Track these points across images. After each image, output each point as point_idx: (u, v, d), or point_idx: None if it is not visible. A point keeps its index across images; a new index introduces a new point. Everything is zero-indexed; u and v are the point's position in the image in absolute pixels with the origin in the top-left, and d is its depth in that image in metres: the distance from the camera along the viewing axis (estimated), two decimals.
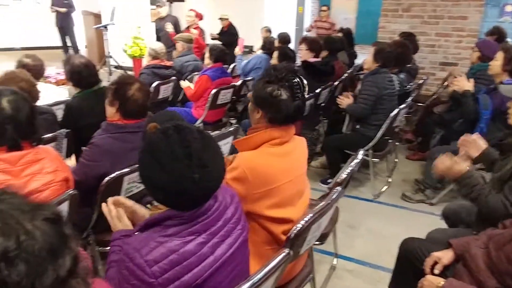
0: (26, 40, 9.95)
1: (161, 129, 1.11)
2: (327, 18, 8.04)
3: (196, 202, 1.08)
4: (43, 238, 0.62)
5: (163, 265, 1.02)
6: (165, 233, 1.06)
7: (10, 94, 1.50)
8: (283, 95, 1.52)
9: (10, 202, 0.65)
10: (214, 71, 3.86)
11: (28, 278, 0.58)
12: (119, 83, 1.97)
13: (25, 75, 2.33)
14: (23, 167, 1.50)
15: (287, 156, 1.58)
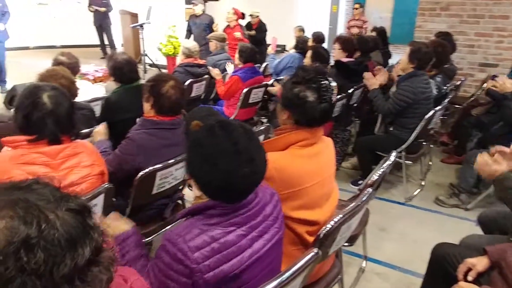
0: (66, 38, 10.36)
1: (206, 127, 1.15)
2: (360, 15, 7.90)
3: (242, 195, 1.13)
4: (63, 227, 0.64)
5: (204, 252, 1.06)
6: (207, 222, 1.10)
7: (50, 90, 1.56)
8: (309, 97, 1.50)
9: (39, 192, 0.68)
10: (245, 71, 3.87)
11: (46, 266, 0.60)
12: (155, 80, 2.03)
13: (65, 72, 2.43)
14: (62, 161, 1.56)
15: (314, 158, 1.57)
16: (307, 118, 1.52)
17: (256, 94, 3.86)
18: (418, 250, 2.58)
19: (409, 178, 3.69)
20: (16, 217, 0.62)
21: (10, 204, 0.64)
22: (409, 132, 3.20)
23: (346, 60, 3.89)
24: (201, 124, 1.22)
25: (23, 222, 0.62)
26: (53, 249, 0.62)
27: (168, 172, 2.02)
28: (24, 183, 0.70)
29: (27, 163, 1.46)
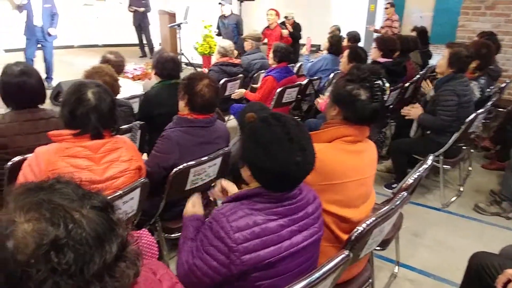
0: (107, 37, 10.76)
1: (261, 118, 1.23)
2: (392, 15, 7.71)
3: (292, 183, 1.19)
4: (89, 226, 0.64)
5: (245, 233, 1.12)
6: (252, 207, 1.17)
7: (94, 87, 1.63)
8: (362, 95, 1.53)
9: (62, 192, 0.68)
10: (279, 71, 3.88)
11: (77, 265, 0.61)
12: (190, 79, 2.07)
13: (109, 70, 2.53)
14: (103, 155, 1.62)
15: (357, 155, 1.58)
16: (357, 116, 1.54)
17: (290, 94, 3.85)
18: (454, 258, 2.49)
19: (447, 183, 3.56)
20: (42, 218, 0.62)
21: (36, 206, 0.64)
22: (448, 136, 3.09)
23: (383, 60, 3.81)
24: (255, 116, 1.27)
25: (51, 224, 0.61)
26: (82, 248, 0.62)
27: (202, 169, 2.06)
28: (47, 183, 0.70)
29: (71, 156, 1.54)
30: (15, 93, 2.05)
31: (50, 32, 5.92)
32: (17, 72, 2.05)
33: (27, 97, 2.07)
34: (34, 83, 2.08)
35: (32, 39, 5.94)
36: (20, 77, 2.04)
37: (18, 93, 2.04)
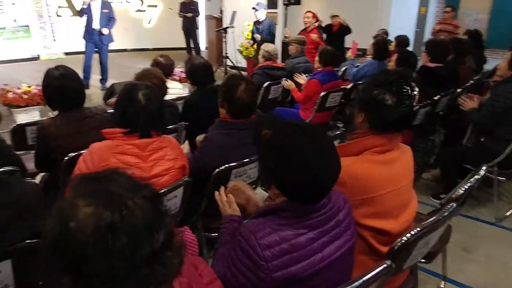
0: (157, 42, 11.20)
1: (279, 130, 1.19)
2: (451, 19, 7.34)
3: (320, 193, 1.14)
4: (141, 213, 0.70)
5: (274, 251, 1.09)
6: (279, 222, 1.13)
7: (144, 88, 1.71)
8: (388, 101, 1.45)
9: (117, 182, 0.74)
10: (323, 75, 3.84)
11: (129, 249, 0.66)
12: (227, 86, 2.09)
13: (158, 72, 2.64)
14: (150, 153, 1.69)
15: (390, 165, 1.50)
16: (383, 123, 1.46)
17: (334, 98, 3.80)
18: (506, 275, 2.34)
19: (501, 196, 3.35)
20: (101, 204, 0.68)
21: (95, 192, 0.71)
22: (505, 144, 2.91)
23: (433, 65, 3.65)
24: (270, 132, 1.24)
25: (108, 209, 0.68)
26: (134, 234, 0.67)
27: (243, 171, 2.08)
28: (105, 173, 0.77)
29: (121, 153, 1.62)
30: (57, 96, 2.14)
31: (102, 31, 6.24)
32: (57, 75, 2.14)
33: (69, 99, 2.15)
34: (74, 85, 2.15)
35: (90, 42, 6.30)
36: (60, 80, 2.12)
37: (60, 95, 2.13)
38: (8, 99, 4.44)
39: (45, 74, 2.18)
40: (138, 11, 11.39)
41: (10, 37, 9.14)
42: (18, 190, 1.34)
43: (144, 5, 11.43)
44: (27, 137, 2.64)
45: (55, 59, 9.36)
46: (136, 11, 11.34)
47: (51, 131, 2.09)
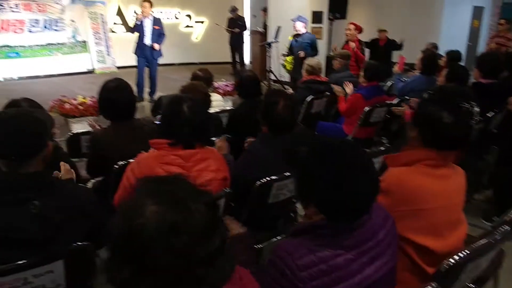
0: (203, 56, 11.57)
1: (318, 146, 1.18)
2: (506, 33, 6.98)
3: (360, 211, 1.12)
4: (201, 217, 0.75)
5: (312, 272, 1.07)
6: (316, 242, 1.10)
7: (189, 101, 1.78)
8: (444, 118, 1.41)
9: (181, 186, 0.81)
10: (368, 90, 3.78)
11: (188, 248, 0.71)
12: (266, 104, 2.11)
13: (202, 86, 2.73)
14: (193, 164, 1.74)
15: (442, 180, 1.45)
16: (437, 141, 1.43)
17: (378, 114, 3.72)
18: None
19: None
20: (166, 205, 0.74)
21: (161, 193, 0.77)
22: None
23: (486, 81, 3.48)
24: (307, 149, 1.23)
25: (172, 210, 0.74)
26: (193, 235, 0.73)
27: (284, 184, 2.09)
28: (170, 177, 0.85)
29: (166, 163, 1.69)
30: (111, 107, 2.27)
31: (154, 46, 6.55)
32: (112, 87, 2.27)
33: (121, 110, 2.26)
34: (126, 97, 2.27)
35: (142, 57, 6.62)
36: (114, 92, 2.25)
37: (113, 106, 2.25)
38: (65, 110, 4.75)
39: (101, 86, 2.32)
40: (187, 27, 11.86)
41: (68, 52, 9.83)
42: (71, 194, 1.42)
43: (192, 21, 11.88)
44: (81, 146, 2.81)
45: (108, 73, 9.92)
46: (184, 27, 11.82)
47: (102, 140, 2.22)
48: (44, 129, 1.39)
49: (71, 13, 9.72)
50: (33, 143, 1.34)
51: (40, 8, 9.24)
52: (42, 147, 1.37)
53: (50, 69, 9.46)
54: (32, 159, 1.33)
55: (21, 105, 2.00)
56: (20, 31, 9.08)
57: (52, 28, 9.50)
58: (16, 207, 1.26)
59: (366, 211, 1.13)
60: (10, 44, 9.00)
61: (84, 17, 9.96)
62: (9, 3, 8.82)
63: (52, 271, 1.33)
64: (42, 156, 1.37)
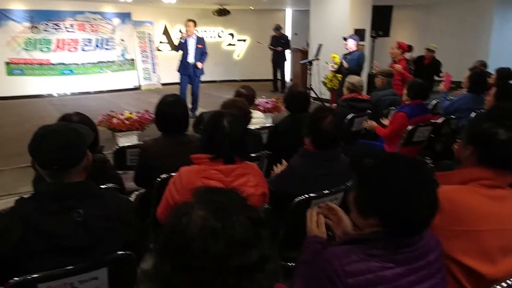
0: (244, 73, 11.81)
1: (386, 159, 1.21)
2: None
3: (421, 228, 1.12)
4: (240, 230, 0.79)
5: (358, 280, 1.07)
6: (367, 252, 1.11)
7: (229, 116, 1.82)
8: (501, 135, 1.36)
9: (230, 198, 0.87)
10: (412, 108, 3.66)
11: (223, 254, 0.76)
12: (314, 116, 2.13)
13: (241, 102, 2.79)
14: (233, 179, 1.77)
15: (499, 202, 1.38)
16: (494, 159, 1.38)
17: (422, 133, 3.61)
18: None
19: None
20: (210, 211, 0.81)
21: (208, 201, 0.84)
22: None
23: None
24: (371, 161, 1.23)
25: (214, 216, 0.80)
26: (230, 243, 0.77)
27: (323, 202, 2.06)
28: (225, 189, 0.94)
29: (207, 178, 1.73)
30: (165, 120, 2.39)
31: (197, 65, 6.77)
32: (169, 102, 2.40)
33: (175, 123, 2.38)
34: (181, 112, 2.40)
35: (185, 74, 6.85)
36: (171, 107, 2.38)
37: (168, 119, 2.38)
38: (113, 124, 4.99)
39: (160, 100, 2.46)
40: (229, 45, 12.18)
41: (117, 69, 10.38)
42: (112, 203, 1.48)
43: (234, 39, 12.20)
44: (126, 159, 2.94)
45: (153, 89, 10.35)
46: (227, 45, 12.14)
47: (151, 150, 2.33)
48: (82, 141, 1.45)
49: (121, 33, 10.30)
50: (72, 154, 1.40)
51: (93, 28, 9.87)
52: (81, 157, 1.43)
53: (100, 86, 10.02)
54: (72, 169, 1.40)
55: (73, 119, 2.13)
56: (74, 50, 9.73)
57: (103, 47, 10.10)
58: (62, 216, 1.33)
59: (426, 227, 1.13)
60: (65, 62, 9.64)
61: (133, 36, 10.52)
62: (65, 24, 9.49)
63: (96, 277, 1.39)
64: (82, 166, 1.44)
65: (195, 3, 10.25)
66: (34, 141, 1.40)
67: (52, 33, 9.36)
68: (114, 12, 10.14)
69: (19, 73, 9.16)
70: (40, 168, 1.41)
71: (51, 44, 9.39)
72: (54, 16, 9.32)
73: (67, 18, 9.48)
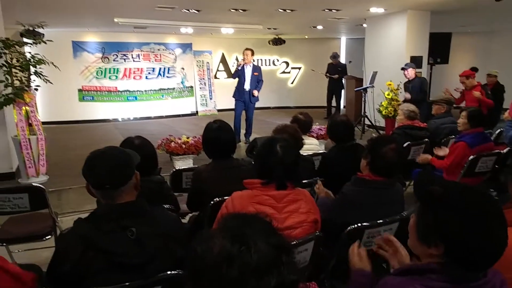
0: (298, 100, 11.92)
1: (458, 187, 1.16)
2: None
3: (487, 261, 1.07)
4: (257, 255, 0.79)
5: None
6: (426, 284, 1.06)
7: (282, 141, 1.86)
8: None
9: (253, 224, 0.87)
10: (473, 137, 3.48)
11: (237, 282, 0.76)
12: (377, 140, 2.12)
13: (293, 128, 2.83)
14: (285, 205, 1.79)
15: None
16: None
17: (485, 163, 3.40)
18: None
19: None
20: (228, 237, 0.82)
21: (228, 228, 0.86)
22: None
23: None
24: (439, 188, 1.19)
25: (231, 243, 0.81)
26: (245, 269, 0.77)
27: (376, 232, 2.01)
28: (250, 214, 0.92)
29: (259, 203, 1.76)
30: (212, 145, 2.46)
31: (254, 93, 6.95)
32: (215, 128, 2.48)
33: (221, 149, 2.44)
34: (227, 137, 2.44)
35: (241, 100, 7.03)
36: (217, 132, 2.45)
37: (214, 145, 2.44)
38: (171, 148, 5.24)
39: (206, 126, 2.55)
40: (283, 72, 12.41)
41: (177, 96, 10.97)
42: (163, 221, 1.55)
43: (289, 67, 12.42)
44: (182, 181, 3.06)
45: (209, 115, 10.75)
46: (281, 72, 12.38)
47: (203, 175, 2.41)
48: (130, 161, 1.55)
49: (182, 62, 10.93)
50: (121, 172, 1.49)
51: (156, 58, 10.59)
52: (130, 175, 1.52)
53: (160, 111, 10.65)
54: (123, 187, 1.49)
55: (134, 142, 2.27)
56: (139, 78, 10.47)
57: (165, 75, 10.76)
58: (117, 234, 1.40)
59: (494, 262, 1.07)
60: (130, 89, 10.39)
61: (192, 65, 11.10)
62: (132, 54, 10.28)
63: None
64: (132, 184, 1.53)
65: (251, 33, 10.64)
66: (86, 165, 1.51)
67: (121, 63, 10.18)
68: (176, 43, 10.81)
69: (90, 99, 10.02)
70: (94, 190, 1.51)
71: (119, 73, 10.20)
72: (123, 48, 10.17)
73: (134, 49, 10.29)
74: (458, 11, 7.36)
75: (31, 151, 4.90)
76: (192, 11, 7.22)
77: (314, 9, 7.12)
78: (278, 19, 8.35)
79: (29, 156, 4.90)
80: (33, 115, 5.00)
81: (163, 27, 8.98)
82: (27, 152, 4.88)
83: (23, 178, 4.98)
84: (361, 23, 8.84)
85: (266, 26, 9.33)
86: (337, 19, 8.26)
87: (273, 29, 10.12)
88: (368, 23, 8.50)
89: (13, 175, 5.15)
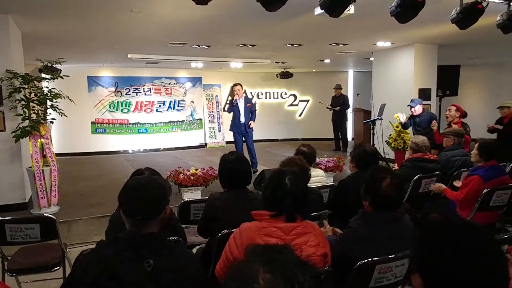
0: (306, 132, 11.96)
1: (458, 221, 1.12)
2: None
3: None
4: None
5: None
6: None
7: (290, 174, 1.85)
8: None
9: (288, 256, 0.84)
10: (487, 170, 3.42)
11: None
12: (371, 178, 2.07)
13: (301, 160, 2.82)
14: (294, 237, 1.75)
15: None
16: None
17: (500, 197, 3.32)
18: None
19: None
20: (278, 273, 0.78)
21: (273, 262, 0.81)
22: None
23: None
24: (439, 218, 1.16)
25: (282, 279, 0.77)
26: None
27: (388, 267, 1.95)
28: (278, 246, 0.88)
29: (267, 235, 1.73)
30: (229, 176, 2.49)
31: (250, 125, 7.21)
32: (231, 159, 2.52)
33: (237, 179, 2.47)
34: (243, 168, 2.49)
35: (238, 133, 7.26)
36: (233, 163, 2.49)
37: (231, 176, 2.47)
38: (179, 179, 5.24)
39: (222, 158, 2.60)
40: (291, 105, 12.55)
41: (187, 128, 11.12)
42: (181, 257, 1.53)
43: (297, 100, 12.57)
44: (190, 213, 3.05)
45: (218, 147, 10.82)
46: (289, 105, 12.52)
47: (216, 203, 2.42)
48: (165, 195, 1.56)
49: (192, 95, 11.16)
50: (156, 206, 1.51)
51: (167, 91, 10.83)
52: (162, 210, 1.53)
53: (170, 143, 10.79)
54: (153, 220, 1.50)
55: (144, 174, 2.29)
56: (149, 111, 10.67)
57: (175, 108, 10.96)
58: (134, 263, 1.39)
59: None
60: (140, 121, 10.58)
61: (202, 98, 11.31)
62: (144, 88, 10.54)
63: None
64: (160, 218, 1.53)
65: (260, 67, 10.87)
66: (124, 193, 1.52)
67: (133, 97, 10.44)
68: (187, 77, 11.09)
69: (102, 131, 10.21)
70: (124, 216, 1.51)
71: (130, 106, 10.43)
72: (136, 82, 10.45)
73: (146, 83, 10.57)
74: (466, 44, 7.45)
75: (44, 182, 4.96)
76: (202, 47, 7.45)
77: (321, 43, 7.29)
78: (286, 54, 8.54)
79: (42, 187, 4.95)
80: (48, 146, 5.09)
81: (174, 62, 9.24)
82: (40, 183, 4.93)
83: (35, 208, 5.01)
84: (368, 57, 8.99)
85: (274, 60, 9.55)
86: (344, 53, 8.42)
87: (281, 63, 10.33)
88: (375, 57, 8.64)
89: (26, 206, 5.19)
